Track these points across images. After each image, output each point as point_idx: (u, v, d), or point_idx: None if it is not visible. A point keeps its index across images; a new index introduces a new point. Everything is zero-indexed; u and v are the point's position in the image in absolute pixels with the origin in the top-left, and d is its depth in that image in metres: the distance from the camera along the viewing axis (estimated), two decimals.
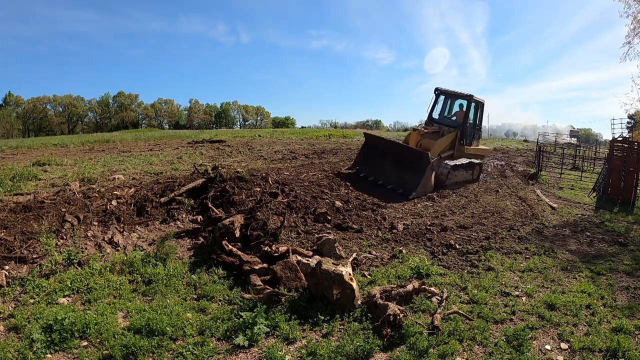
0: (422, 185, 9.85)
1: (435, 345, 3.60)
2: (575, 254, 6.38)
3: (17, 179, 7.96)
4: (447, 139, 12.11)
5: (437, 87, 13.07)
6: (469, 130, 12.73)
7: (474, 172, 12.85)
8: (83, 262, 4.58)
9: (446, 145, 11.99)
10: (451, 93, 13.06)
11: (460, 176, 11.94)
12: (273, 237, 5.39)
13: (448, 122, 12.90)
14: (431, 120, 13.03)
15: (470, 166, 12.51)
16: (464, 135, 12.41)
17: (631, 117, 22.95)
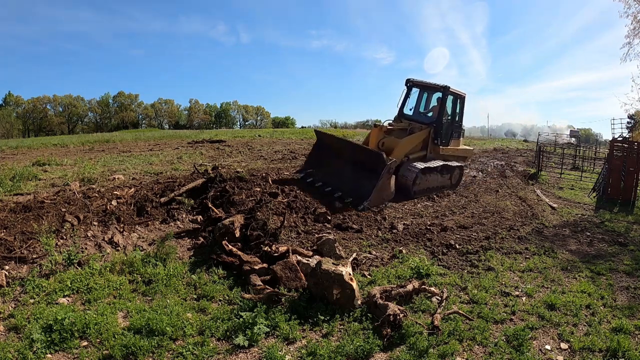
0: (377, 193, 8.31)
1: (435, 345, 3.60)
2: (575, 254, 6.38)
3: (17, 179, 7.96)
4: (417, 138, 10.40)
5: (408, 79, 11.44)
6: (446, 127, 11.01)
7: (452, 177, 11.18)
8: (83, 262, 4.58)
9: (415, 145, 10.39)
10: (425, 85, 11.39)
11: (434, 181, 10.38)
12: (273, 237, 5.39)
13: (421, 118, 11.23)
14: (402, 117, 11.29)
15: (447, 169, 10.85)
16: (438, 133, 10.66)
17: (631, 117, 22.97)
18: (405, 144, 10.12)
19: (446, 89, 10.79)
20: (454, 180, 11.34)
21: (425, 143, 10.64)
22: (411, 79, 11.46)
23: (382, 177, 8.30)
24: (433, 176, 10.37)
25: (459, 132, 11.89)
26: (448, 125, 11.19)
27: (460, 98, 11.53)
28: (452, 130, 11.34)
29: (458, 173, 11.54)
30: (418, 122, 10.87)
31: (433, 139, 10.69)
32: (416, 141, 10.43)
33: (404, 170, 9.74)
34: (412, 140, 10.35)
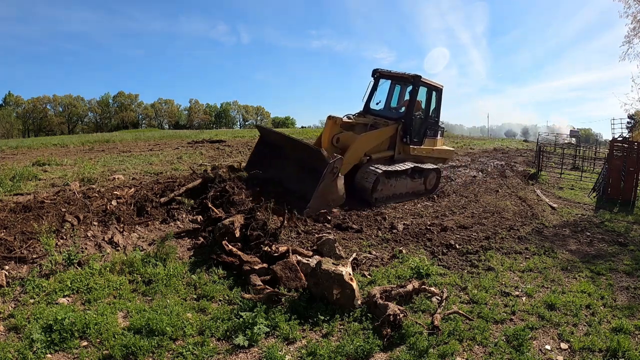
0: (319, 197, 6.96)
1: (435, 345, 3.60)
2: (575, 254, 6.38)
3: (17, 179, 7.95)
4: (380, 135, 9.03)
5: (375, 69, 10.09)
6: (418, 124, 9.67)
7: (427, 181, 9.87)
8: (83, 262, 4.58)
9: (379, 143, 9.03)
10: (394, 75, 10.03)
11: (401, 186, 9.09)
12: (273, 237, 5.39)
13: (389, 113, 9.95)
14: (368, 112, 9.97)
15: (420, 173, 9.59)
16: (407, 130, 9.28)
17: (631, 117, 22.98)
18: (364, 140, 8.67)
19: (417, 79, 9.45)
20: (429, 185, 10.05)
21: (392, 141, 9.31)
22: (379, 69, 10.16)
23: (323, 178, 6.92)
24: (401, 180, 9.07)
25: (436, 129, 10.52)
26: (421, 121, 9.83)
27: (436, 91, 10.16)
28: (426, 127, 10.00)
29: (434, 177, 10.20)
30: (385, 118, 9.60)
31: (401, 137, 9.34)
32: (379, 138, 9.06)
33: (362, 172, 8.42)
34: (374, 137, 8.93)
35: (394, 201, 8.85)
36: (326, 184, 7.09)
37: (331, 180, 7.18)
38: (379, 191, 8.55)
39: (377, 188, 8.42)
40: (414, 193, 9.59)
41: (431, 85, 9.97)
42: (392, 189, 8.91)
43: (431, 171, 10.02)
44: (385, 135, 9.19)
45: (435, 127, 10.46)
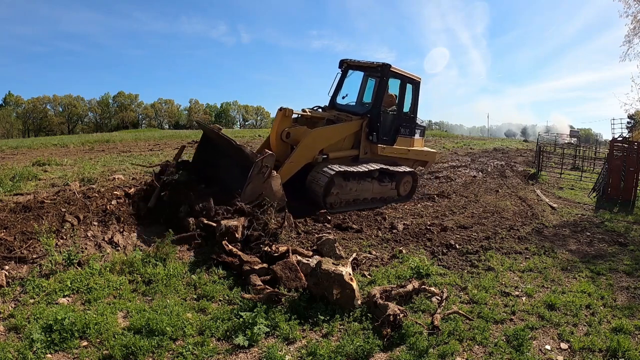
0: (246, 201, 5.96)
1: (435, 345, 3.60)
2: (575, 254, 6.38)
3: (17, 179, 7.96)
4: (340, 131, 8.04)
5: (343, 60, 9.06)
6: (389, 120, 8.73)
7: (400, 186, 8.85)
8: (83, 262, 4.58)
9: (338, 140, 8.06)
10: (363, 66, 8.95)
11: (364, 190, 8.13)
12: (273, 237, 5.39)
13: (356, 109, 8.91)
14: (334, 107, 8.97)
15: (390, 176, 8.61)
16: (374, 127, 8.29)
17: (631, 117, 22.99)
18: (317, 136, 7.68)
19: (385, 68, 8.32)
20: (403, 190, 8.99)
21: (356, 139, 8.32)
22: (347, 59, 9.08)
23: (250, 179, 6.02)
24: (364, 184, 8.10)
25: (412, 127, 9.40)
26: (393, 117, 8.84)
27: (412, 83, 9.11)
28: (400, 124, 8.98)
29: (409, 181, 9.10)
30: (350, 113, 8.55)
31: (367, 135, 8.31)
32: (339, 135, 8.06)
33: (313, 173, 7.56)
34: (331, 133, 7.92)
35: (356, 207, 7.88)
36: (255, 185, 6.10)
37: (261, 182, 6.13)
38: (334, 195, 7.60)
39: (331, 192, 7.51)
40: (383, 199, 8.60)
41: (405, 76, 8.88)
42: (352, 193, 7.91)
43: (405, 174, 8.90)
44: (347, 132, 8.17)
45: (411, 124, 9.34)
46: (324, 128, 7.96)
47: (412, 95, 9.26)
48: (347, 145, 8.35)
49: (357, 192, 8.05)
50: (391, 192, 8.77)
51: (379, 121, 8.44)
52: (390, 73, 8.52)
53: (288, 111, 7.64)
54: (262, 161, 6.11)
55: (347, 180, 7.82)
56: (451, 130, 73.33)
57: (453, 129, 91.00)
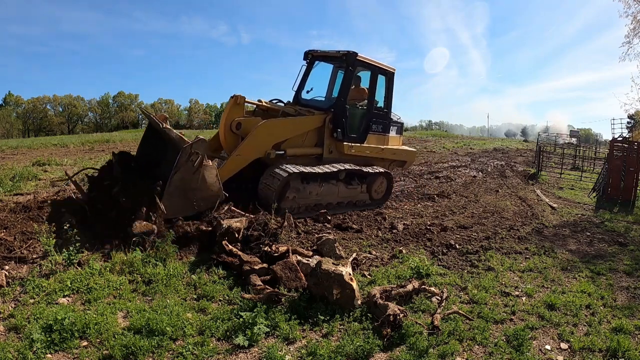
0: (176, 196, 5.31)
1: (435, 345, 3.60)
2: (575, 254, 6.38)
3: (17, 179, 7.96)
4: (298, 125, 7.25)
5: (308, 51, 8.32)
6: (358, 115, 8.03)
7: (372, 189, 8.07)
8: (83, 262, 4.58)
9: (297, 136, 7.28)
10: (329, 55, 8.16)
11: (329, 194, 7.35)
12: (273, 237, 5.39)
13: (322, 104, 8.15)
14: (298, 103, 8.23)
15: (360, 178, 7.85)
16: (339, 122, 7.51)
17: (631, 117, 22.99)
18: (269, 127, 6.83)
19: (351, 57, 7.51)
20: (376, 193, 8.19)
21: (319, 137, 7.55)
22: (312, 50, 8.28)
23: (177, 168, 5.26)
24: (328, 187, 7.28)
25: (386, 124, 8.56)
26: (362, 112, 8.11)
27: (385, 74, 8.32)
28: (370, 120, 8.18)
29: (383, 183, 8.27)
30: (314, 108, 7.78)
31: (331, 131, 7.54)
32: (297, 129, 7.25)
33: (265, 175, 6.79)
34: (287, 126, 7.10)
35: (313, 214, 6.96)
36: (184, 176, 5.31)
37: (191, 172, 5.33)
38: (290, 200, 6.74)
39: (286, 196, 6.68)
40: (352, 204, 7.86)
41: (375, 66, 8.04)
42: (313, 197, 7.09)
43: (377, 176, 8.07)
44: (307, 127, 7.38)
45: (385, 120, 8.50)
46: (279, 120, 7.18)
47: (386, 87, 8.41)
48: (309, 143, 7.52)
49: (319, 196, 7.19)
50: (361, 196, 7.95)
51: (345, 116, 7.59)
52: (358, 62, 7.70)
53: (240, 99, 6.79)
54: (191, 147, 5.24)
55: (306, 183, 6.99)
56: (451, 130, 73.35)
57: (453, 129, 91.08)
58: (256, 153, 6.81)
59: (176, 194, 5.30)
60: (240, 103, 6.85)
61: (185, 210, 5.44)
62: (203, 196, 5.54)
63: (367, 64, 7.94)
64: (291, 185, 6.75)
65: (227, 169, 6.51)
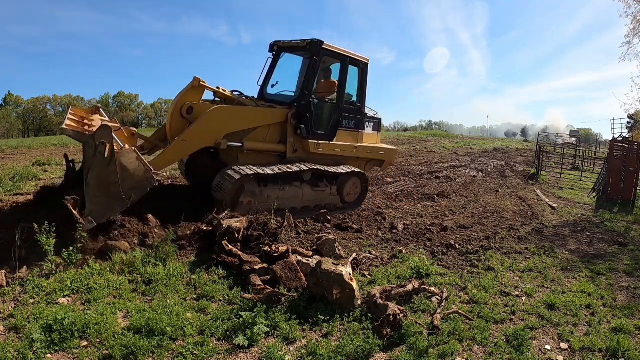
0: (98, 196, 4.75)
1: (435, 345, 3.60)
2: (575, 254, 6.38)
3: (17, 179, 7.97)
4: (257, 116, 6.71)
5: (273, 42, 7.74)
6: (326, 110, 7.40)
7: (344, 191, 7.49)
8: (83, 262, 4.58)
9: (257, 128, 6.72)
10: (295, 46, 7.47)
11: (292, 198, 6.75)
12: (273, 237, 5.38)
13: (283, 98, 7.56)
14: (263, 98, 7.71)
15: (328, 179, 7.24)
16: (302, 118, 6.92)
17: (631, 117, 22.99)
18: (221, 114, 6.23)
19: (316, 45, 6.87)
20: (349, 195, 7.59)
21: (282, 133, 6.97)
22: (278, 41, 7.66)
23: (88, 166, 4.81)
24: (289, 190, 6.68)
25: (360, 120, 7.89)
26: (330, 107, 7.46)
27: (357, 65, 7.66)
28: (340, 115, 7.55)
29: (356, 185, 7.65)
30: (277, 103, 7.25)
31: (295, 128, 6.93)
32: (254, 121, 6.65)
33: (217, 178, 6.21)
34: (243, 116, 6.49)
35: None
36: (99, 172, 4.71)
37: (105, 165, 4.70)
38: (245, 205, 6.12)
39: (240, 200, 6.07)
40: (320, 207, 7.10)
41: (346, 56, 7.36)
42: (270, 200, 6.37)
43: (350, 176, 7.46)
44: (267, 121, 6.76)
45: (358, 116, 7.84)
46: (234, 107, 6.57)
47: (359, 80, 7.75)
48: (272, 139, 6.93)
49: (280, 200, 6.55)
50: (331, 199, 7.30)
51: (310, 112, 6.96)
52: (324, 52, 7.02)
53: (196, 80, 6.18)
54: (94, 139, 4.64)
55: (263, 186, 6.39)
56: (451, 130, 73.36)
57: (453, 129, 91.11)
58: (204, 141, 6.20)
59: (99, 194, 4.75)
60: (197, 85, 6.26)
61: (117, 206, 4.93)
62: (130, 186, 4.97)
63: (335, 53, 7.26)
64: (246, 188, 6.15)
65: (169, 155, 5.95)
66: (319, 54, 6.98)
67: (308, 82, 7.06)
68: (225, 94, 6.76)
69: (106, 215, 4.88)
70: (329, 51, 7.16)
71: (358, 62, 7.70)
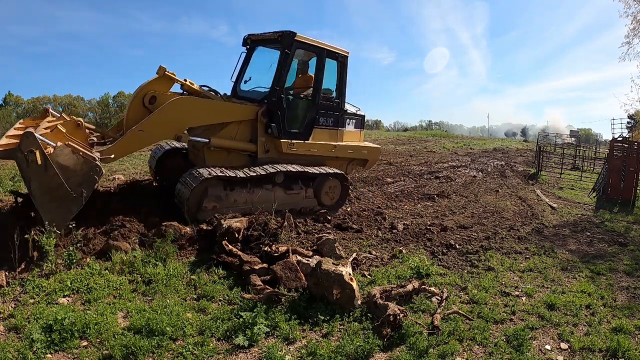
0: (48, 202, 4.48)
1: (435, 345, 3.60)
2: (575, 254, 6.38)
3: (17, 179, 7.95)
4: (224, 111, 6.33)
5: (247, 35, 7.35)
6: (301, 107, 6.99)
7: (322, 194, 7.08)
8: (83, 262, 4.58)
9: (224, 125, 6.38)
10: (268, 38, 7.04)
11: (261, 202, 6.24)
12: (273, 237, 5.39)
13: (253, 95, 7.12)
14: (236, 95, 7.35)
15: (303, 181, 6.84)
16: (274, 116, 6.53)
17: (631, 117, 23.00)
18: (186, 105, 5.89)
19: (287, 37, 6.46)
20: (328, 198, 7.16)
21: (253, 131, 6.56)
22: (252, 34, 7.28)
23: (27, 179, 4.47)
24: (260, 193, 6.23)
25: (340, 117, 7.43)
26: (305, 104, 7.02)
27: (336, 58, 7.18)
28: (317, 113, 7.08)
29: (335, 186, 7.22)
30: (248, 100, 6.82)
31: (266, 127, 6.51)
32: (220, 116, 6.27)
33: (182, 178, 5.87)
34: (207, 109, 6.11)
35: None
36: (40, 182, 4.40)
37: (43, 172, 4.35)
38: (210, 210, 5.71)
39: (204, 206, 5.68)
40: (295, 211, 6.64)
41: (321, 48, 6.89)
42: (241, 205, 6.03)
43: (327, 178, 7.03)
44: (234, 117, 6.35)
45: (336, 112, 7.37)
46: (198, 99, 6.16)
47: (338, 74, 7.28)
48: (242, 137, 6.53)
49: (249, 204, 6.13)
50: (307, 202, 6.81)
51: (281, 109, 6.54)
52: (296, 44, 6.55)
53: (161, 69, 5.82)
54: (20, 150, 4.34)
55: (229, 189, 5.96)
56: (451, 130, 73.35)
57: (453, 129, 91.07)
58: (164, 133, 5.85)
59: (48, 202, 4.54)
60: (164, 76, 5.89)
61: (73, 206, 4.68)
62: (77, 182, 4.67)
63: (309, 45, 6.79)
64: (209, 192, 5.72)
65: (122, 145, 5.51)
66: (290, 46, 6.52)
67: (279, 76, 6.57)
68: (193, 87, 6.33)
69: (67, 219, 4.66)
70: (302, 43, 6.70)
71: (336, 55, 7.22)
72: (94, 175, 4.79)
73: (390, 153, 17.75)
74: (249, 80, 7.50)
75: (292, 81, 7.50)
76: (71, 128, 5.43)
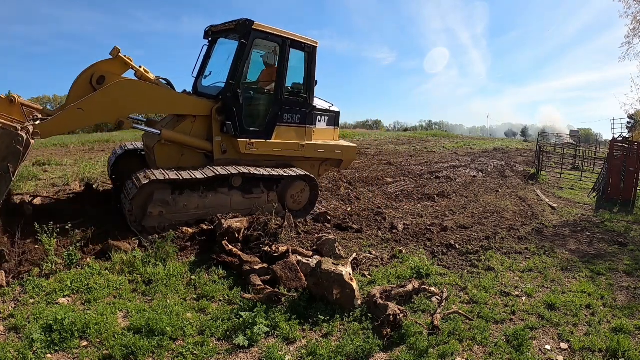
0: None
1: (435, 345, 3.60)
2: (575, 254, 6.38)
3: (17, 179, 7.95)
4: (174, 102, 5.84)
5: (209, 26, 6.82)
6: (260, 103, 6.44)
7: (287, 197, 6.53)
8: (83, 262, 4.58)
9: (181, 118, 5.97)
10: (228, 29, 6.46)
11: (216, 207, 5.76)
12: (273, 237, 5.39)
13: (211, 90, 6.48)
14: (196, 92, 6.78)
15: (265, 184, 6.26)
16: (229, 113, 6.00)
17: (631, 117, 23.00)
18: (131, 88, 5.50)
19: (244, 26, 5.94)
20: (294, 203, 6.61)
21: (208, 129, 6.08)
22: (213, 26, 6.76)
23: None
24: (214, 197, 5.75)
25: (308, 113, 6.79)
26: (267, 99, 6.46)
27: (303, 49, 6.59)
28: (279, 109, 6.47)
29: (303, 190, 6.66)
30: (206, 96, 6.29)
31: (222, 125, 6.03)
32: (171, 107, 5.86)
33: (126, 184, 5.43)
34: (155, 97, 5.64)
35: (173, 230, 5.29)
36: None
37: None
38: (155, 216, 5.29)
39: (149, 211, 5.24)
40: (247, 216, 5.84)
41: (284, 38, 6.29)
42: (192, 211, 5.59)
43: (292, 181, 6.46)
44: (188, 111, 5.91)
45: (304, 108, 6.70)
46: (145, 84, 5.69)
47: (306, 66, 6.66)
48: (198, 133, 6.04)
49: (202, 209, 5.66)
50: (270, 207, 6.04)
51: (238, 105, 5.98)
52: (255, 33, 5.99)
53: (115, 50, 5.48)
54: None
55: (178, 194, 5.48)
56: (451, 130, 73.37)
57: (453, 129, 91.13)
58: (104, 115, 5.36)
59: None
60: (117, 58, 5.54)
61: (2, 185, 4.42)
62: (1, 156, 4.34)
63: (270, 34, 6.18)
64: (155, 197, 5.27)
65: (57, 121, 5.13)
66: (248, 35, 5.95)
67: (235, 69, 5.99)
68: (148, 76, 5.91)
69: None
70: (261, 32, 6.08)
71: (302, 45, 6.55)
72: (17, 146, 4.35)
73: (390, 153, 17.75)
74: (209, 75, 6.90)
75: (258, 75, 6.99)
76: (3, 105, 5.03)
